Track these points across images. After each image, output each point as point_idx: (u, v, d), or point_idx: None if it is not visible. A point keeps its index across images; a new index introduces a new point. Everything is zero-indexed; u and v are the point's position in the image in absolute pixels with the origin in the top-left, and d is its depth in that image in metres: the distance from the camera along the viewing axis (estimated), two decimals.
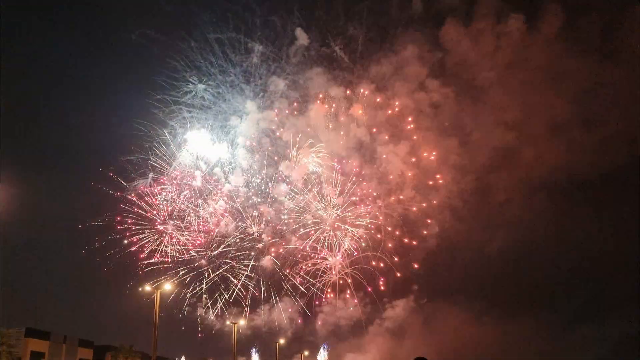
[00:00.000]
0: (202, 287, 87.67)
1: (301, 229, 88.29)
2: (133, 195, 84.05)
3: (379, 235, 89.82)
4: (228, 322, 79.95)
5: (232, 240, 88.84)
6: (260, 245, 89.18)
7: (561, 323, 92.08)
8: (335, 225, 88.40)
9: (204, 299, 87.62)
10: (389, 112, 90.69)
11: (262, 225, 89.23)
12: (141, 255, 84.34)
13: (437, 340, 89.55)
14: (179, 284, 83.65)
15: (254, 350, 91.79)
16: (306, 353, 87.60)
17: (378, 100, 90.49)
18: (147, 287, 54.60)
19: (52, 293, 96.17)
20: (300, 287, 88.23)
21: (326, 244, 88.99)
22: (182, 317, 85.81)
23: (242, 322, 77.91)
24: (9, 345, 61.09)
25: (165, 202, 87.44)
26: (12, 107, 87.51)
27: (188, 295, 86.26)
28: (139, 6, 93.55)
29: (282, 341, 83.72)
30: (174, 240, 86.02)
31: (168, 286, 55.69)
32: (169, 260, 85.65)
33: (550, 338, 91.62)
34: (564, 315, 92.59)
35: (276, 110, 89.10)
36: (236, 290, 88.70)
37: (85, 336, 74.72)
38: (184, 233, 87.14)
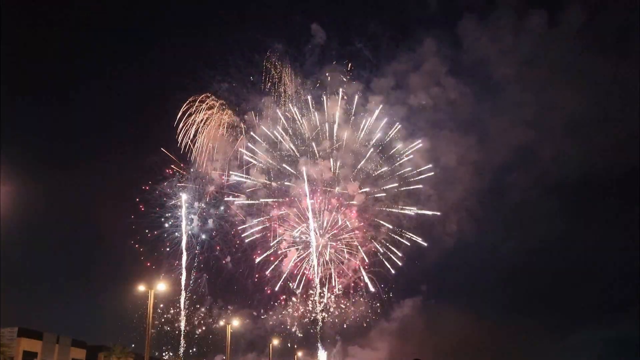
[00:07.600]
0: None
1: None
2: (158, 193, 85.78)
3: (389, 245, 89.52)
4: (222, 323, 79.99)
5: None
6: (283, 246, 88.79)
7: (561, 326, 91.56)
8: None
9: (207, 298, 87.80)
10: (407, 108, 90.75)
11: (286, 226, 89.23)
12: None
13: (437, 341, 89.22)
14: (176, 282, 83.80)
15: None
16: (299, 354, 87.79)
17: (396, 96, 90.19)
18: (141, 287, 53.97)
19: (46, 293, 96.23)
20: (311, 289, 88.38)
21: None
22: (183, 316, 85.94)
23: (235, 322, 77.86)
24: (2, 345, 60.97)
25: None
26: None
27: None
28: (157, 5, 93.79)
29: (275, 342, 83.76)
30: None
31: (162, 286, 55.62)
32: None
33: (548, 341, 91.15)
34: (564, 318, 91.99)
35: (294, 108, 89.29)
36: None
37: (79, 336, 74.74)
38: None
